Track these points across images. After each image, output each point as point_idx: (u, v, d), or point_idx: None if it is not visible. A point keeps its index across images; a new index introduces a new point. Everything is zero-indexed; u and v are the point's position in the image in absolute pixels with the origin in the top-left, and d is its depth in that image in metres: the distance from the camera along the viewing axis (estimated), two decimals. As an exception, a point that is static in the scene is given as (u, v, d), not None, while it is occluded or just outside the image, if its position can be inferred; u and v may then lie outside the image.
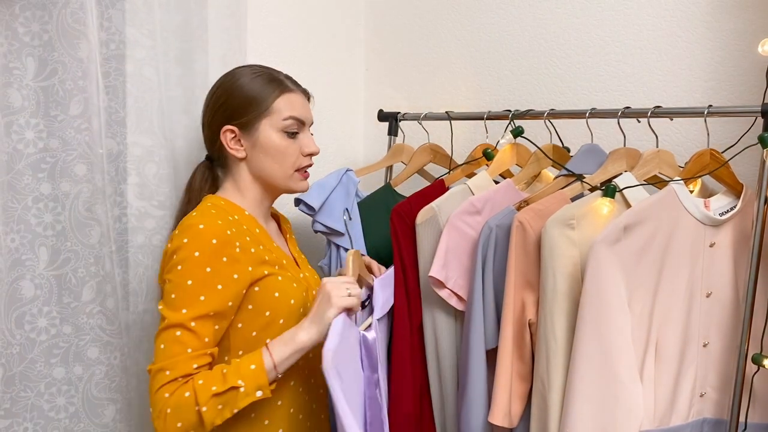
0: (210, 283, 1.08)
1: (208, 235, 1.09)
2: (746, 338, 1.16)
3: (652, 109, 1.27)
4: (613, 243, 1.12)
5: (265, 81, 1.22)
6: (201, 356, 1.06)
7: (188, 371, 1.04)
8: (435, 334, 1.40)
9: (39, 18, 1.26)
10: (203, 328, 1.07)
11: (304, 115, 1.24)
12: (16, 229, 1.26)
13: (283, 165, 1.23)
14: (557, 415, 1.16)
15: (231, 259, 1.10)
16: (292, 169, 1.24)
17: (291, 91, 1.23)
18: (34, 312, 1.29)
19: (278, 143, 1.22)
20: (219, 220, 1.13)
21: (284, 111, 1.21)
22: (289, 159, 1.23)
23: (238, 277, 1.11)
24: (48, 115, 1.28)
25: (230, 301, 1.10)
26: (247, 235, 1.17)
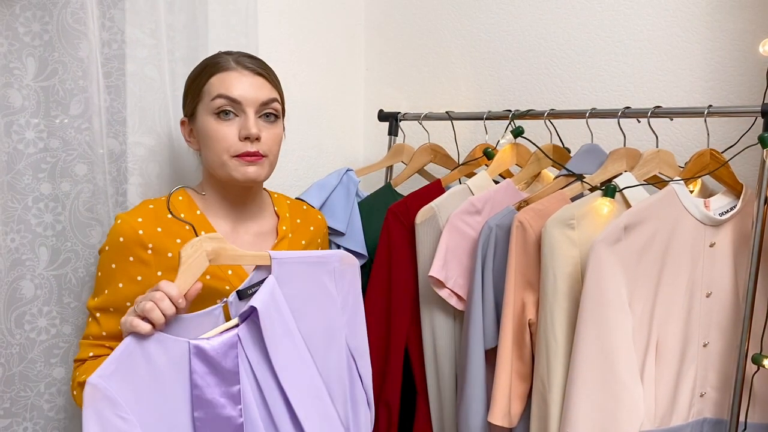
0: (112, 279, 1.09)
1: (118, 232, 1.09)
2: (746, 338, 1.16)
3: (652, 109, 1.27)
4: (614, 243, 1.12)
5: (205, 64, 1.15)
6: (97, 346, 1.11)
7: (84, 357, 1.11)
8: (433, 334, 1.40)
9: (39, 18, 1.26)
10: (104, 320, 1.10)
11: (240, 94, 1.09)
12: (16, 229, 1.26)
13: (215, 150, 1.11)
14: (557, 415, 1.16)
15: (137, 260, 1.09)
16: (225, 153, 1.10)
17: (226, 70, 1.11)
18: (34, 312, 1.29)
19: (208, 127, 1.10)
20: (142, 216, 1.10)
21: (213, 90, 1.10)
22: (220, 143, 1.09)
23: (141, 279, 1.09)
24: (48, 115, 1.28)
25: (128, 301, 1.08)
26: (179, 237, 1.11)
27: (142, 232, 1.09)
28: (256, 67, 1.14)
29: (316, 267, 1.06)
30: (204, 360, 0.94)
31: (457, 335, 1.39)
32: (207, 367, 0.94)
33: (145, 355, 0.91)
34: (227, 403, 0.95)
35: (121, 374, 0.88)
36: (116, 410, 0.87)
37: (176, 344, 0.93)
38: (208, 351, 0.94)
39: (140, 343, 0.90)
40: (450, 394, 1.40)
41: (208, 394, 0.94)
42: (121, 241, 1.08)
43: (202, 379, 0.94)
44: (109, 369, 0.88)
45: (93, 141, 1.30)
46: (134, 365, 0.90)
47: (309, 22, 1.89)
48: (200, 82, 1.14)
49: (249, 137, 1.09)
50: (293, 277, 1.03)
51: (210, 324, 0.98)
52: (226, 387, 0.96)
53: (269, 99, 1.14)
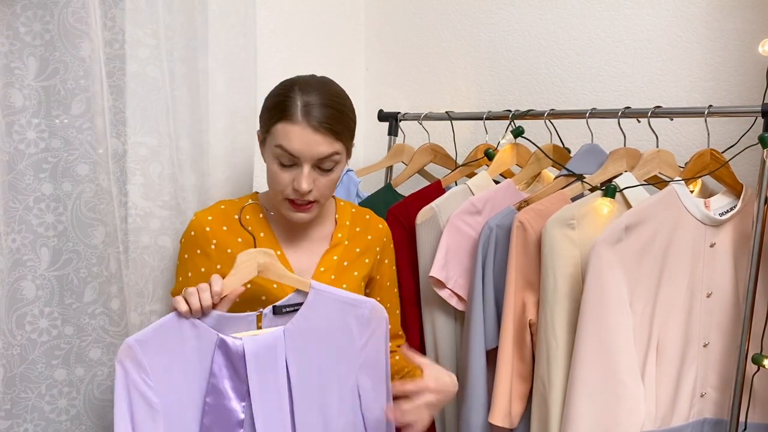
0: (184, 267, 1.24)
1: (190, 227, 1.23)
2: (746, 338, 1.16)
3: (653, 109, 1.27)
4: (615, 243, 1.12)
5: (276, 103, 1.17)
6: None
7: None
8: (434, 334, 1.40)
9: (40, 18, 1.25)
10: None
11: (298, 149, 1.13)
12: (17, 230, 1.26)
13: (272, 187, 1.20)
14: (558, 415, 1.16)
15: (203, 253, 1.22)
16: (280, 195, 1.18)
17: (292, 122, 1.13)
18: (36, 313, 1.28)
19: (270, 166, 1.18)
20: (213, 215, 1.23)
21: (276, 138, 1.15)
22: (277, 185, 1.17)
23: (204, 270, 1.21)
24: (49, 115, 1.27)
25: None
26: (240, 236, 1.22)
27: (209, 229, 1.22)
28: (320, 123, 1.13)
29: (347, 307, 1.15)
30: (225, 353, 1.06)
31: (458, 335, 1.39)
32: (225, 361, 1.06)
33: (180, 333, 1.03)
34: (234, 397, 1.07)
35: (155, 343, 1.01)
36: (141, 373, 1.01)
37: (208, 333, 1.05)
38: (230, 346, 1.06)
39: (179, 322, 1.03)
40: (451, 393, 1.40)
41: (221, 384, 1.06)
42: (192, 235, 1.22)
43: (220, 370, 1.06)
44: (147, 336, 1.01)
45: (95, 141, 1.29)
46: (168, 339, 1.02)
47: (309, 22, 1.89)
48: (269, 120, 1.17)
49: (297, 190, 1.15)
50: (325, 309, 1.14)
51: (244, 327, 1.10)
52: (237, 382, 1.07)
53: (328, 154, 1.15)
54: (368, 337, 1.18)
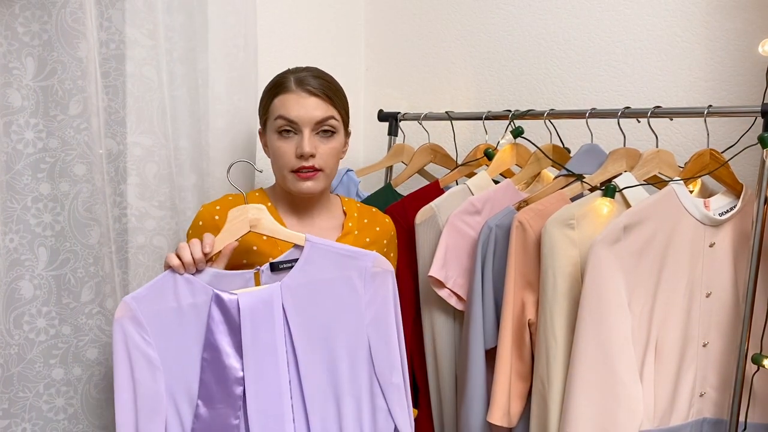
0: None
1: (198, 217, 1.26)
2: (746, 338, 1.16)
3: (652, 109, 1.27)
4: (613, 243, 1.12)
5: (272, 84, 1.27)
6: None
7: None
8: (433, 333, 1.40)
9: (38, 18, 1.25)
10: None
11: (297, 115, 1.21)
12: (15, 230, 1.26)
13: (277, 164, 1.25)
14: (557, 414, 1.16)
15: None
16: (285, 169, 1.24)
17: (287, 92, 1.23)
18: (33, 312, 1.29)
19: (272, 143, 1.25)
20: (220, 205, 1.26)
21: (275, 111, 1.24)
22: (281, 159, 1.23)
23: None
24: (47, 115, 1.27)
25: None
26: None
27: (218, 218, 1.24)
28: (313, 88, 1.23)
29: (347, 260, 1.13)
30: (221, 309, 1.05)
31: (457, 335, 1.39)
32: (222, 316, 1.05)
33: (176, 291, 1.04)
34: (232, 354, 1.05)
35: (150, 300, 1.02)
36: (140, 330, 1.01)
37: (203, 290, 1.06)
38: (227, 302, 1.05)
39: (174, 279, 1.04)
40: (450, 393, 1.40)
41: (218, 341, 1.05)
42: (200, 225, 1.25)
43: (216, 325, 1.05)
44: (142, 293, 1.02)
45: (92, 141, 1.29)
46: (164, 297, 1.03)
47: (309, 22, 1.89)
48: (267, 101, 1.27)
49: (303, 155, 1.21)
50: (322, 262, 1.12)
51: (241, 284, 1.10)
52: (235, 338, 1.05)
53: (324, 117, 1.23)
54: (373, 293, 1.13)
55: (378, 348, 1.13)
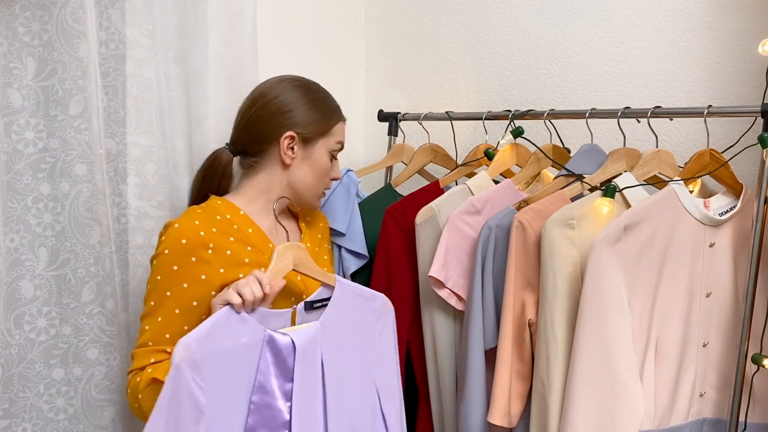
0: (176, 280, 1.14)
1: (179, 235, 1.15)
2: (746, 338, 1.16)
3: (652, 109, 1.27)
4: (613, 243, 1.12)
5: (332, 106, 1.32)
6: (158, 352, 1.13)
7: (145, 363, 1.13)
8: (433, 334, 1.39)
9: (39, 18, 1.25)
10: (168, 323, 1.14)
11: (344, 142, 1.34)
12: (15, 229, 1.26)
13: (320, 183, 1.30)
14: (557, 414, 1.16)
15: (200, 259, 1.15)
16: (324, 188, 1.32)
17: (343, 120, 1.33)
18: (34, 312, 1.28)
19: (324, 163, 1.29)
20: (198, 220, 1.18)
21: (337, 136, 1.31)
22: (325, 179, 1.31)
23: (205, 278, 1.15)
24: (48, 115, 1.27)
25: (195, 300, 1.14)
26: (232, 236, 1.20)
27: (203, 234, 1.16)
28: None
29: (365, 301, 1.20)
30: (273, 351, 1.04)
31: (457, 335, 1.39)
32: (274, 358, 1.04)
33: (231, 329, 1.00)
34: (281, 396, 1.04)
35: (210, 341, 0.97)
36: (195, 375, 0.96)
37: (256, 329, 1.03)
38: (280, 344, 1.04)
39: (230, 317, 1.01)
40: (450, 393, 1.40)
41: (268, 383, 1.03)
42: (183, 243, 1.14)
43: (268, 367, 1.03)
44: (202, 333, 0.97)
45: (92, 141, 1.29)
46: (221, 336, 0.99)
47: (309, 23, 1.89)
48: (331, 121, 1.30)
49: (336, 179, 1.34)
50: (349, 302, 1.17)
51: (280, 323, 1.09)
52: (282, 381, 1.04)
53: None
54: (381, 331, 1.22)
55: (383, 383, 1.21)
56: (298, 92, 1.28)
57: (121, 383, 1.40)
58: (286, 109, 1.26)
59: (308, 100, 1.28)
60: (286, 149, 1.25)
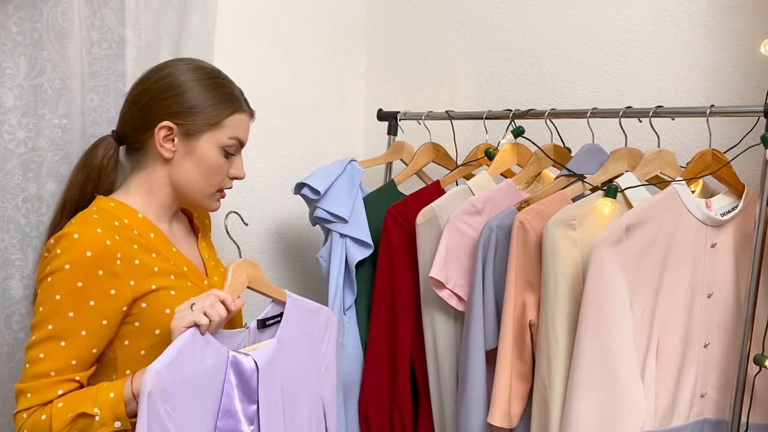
0: (81, 298, 1.00)
1: (82, 247, 1.00)
2: (748, 339, 1.15)
3: (654, 109, 1.26)
4: (615, 243, 1.11)
5: (225, 94, 1.15)
6: (65, 381, 0.99)
7: (50, 398, 0.98)
8: (434, 334, 1.39)
9: (30, 16, 1.24)
10: (72, 349, 1.00)
11: (245, 138, 1.18)
12: (5, 229, 1.25)
13: (208, 182, 1.15)
14: (558, 415, 1.15)
15: (108, 272, 1.02)
16: (215, 188, 1.16)
17: (243, 112, 1.17)
18: (23, 312, 1.28)
19: (213, 159, 1.13)
20: (99, 227, 1.04)
21: (231, 130, 1.14)
22: (216, 178, 1.15)
23: (115, 292, 1.02)
24: (36, 114, 1.26)
25: (105, 319, 1.02)
26: (135, 243, 1.08)
27: (109, 243, 1.02)
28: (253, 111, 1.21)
29: (312, 314, 1.20)
30: (237, 372, 1.00)
31: (458, 336, 1.38)
32: (238, 380, 1.00)
33: (197, 352, 0.95)
34: (245, 420, 1.00)
35: (178, 365, 0.92)
36: (167, 404, 0.90)
37: (220, 351, 0.99)
38: (242, 365, 1.00)
39: (195, 340, 0.95)
40: (451, 394, 1.39)
41: (233, 406, 0.99)
42: (88, 256, 1.00)
43: (232, 389, 0.99)
44: (171, 357, 0.91)
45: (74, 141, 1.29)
46: (189, 360, 0.94)
47: (309, 23, 1.88)
48: (222, 112, 1.14)
49: (238, 178, 1.19)
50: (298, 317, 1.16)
51: (236, 344, 1.06)
52: (246, 404, 1.01)
53: None
54: (326, 343, 1.22)
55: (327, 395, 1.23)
56: (189, 76, 1.12)
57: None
58: (169, 95, 1.11)
59: (198, 85, 1.12)
60: (162, 141, 1.11)
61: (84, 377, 1.02)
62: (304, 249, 1.90)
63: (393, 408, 1.43)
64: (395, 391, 1.42)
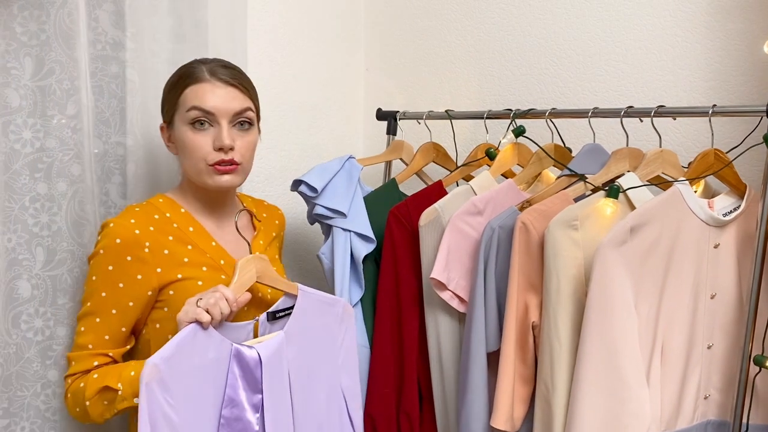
0: (111, 280, 1.12)
1: (113, 234, 1.12)
2: (750, 339, 1.15)
3: (656, 109, 1.26)
4: (620, 245, 1.11)
5: (180, 74, 1.19)
6: (100, 355, 1.13)
7: (88, 367, 1.12)
8: (437, 336, 1.38)
9: (36, 17, 1.25)
10: (106, 325, 1.13)
11: (213, 106, 1.14)
12: (12, 229, 1.26)
13: (192, 159, 1.17)
14: (562, 418, 1.14)
15: (135, 258, 1.13)
16: (202, 162, 1.16)
17: (201, 81, 1.15)
18: (31, 312, 1.28)
19: (184, 136, 1.16)
20: (134, 218, 1.15)
21: (188, 102, 1.15)
22: (196, 153, 1.15)
23: (141, 277, 1.13)
24: (45, 115, 1.27)
25: (131, 300, 1.13)
26: (170, 235, 1.17)
27: (138, 232, 1.13)
28: (229, 78, 1.17)
29: (327, 306, 1.22)
30: (241, 364, 1.04)
31: (461, 337, 1.37)
32: (241, 371, 1.04)
33: (198, 346, 1.00)
34: (250, 408, 1.05)
35: (177, 359, 0.97)
36: (166, 394, 0.96)
37: (223, 343, 1.03)
38: (246, 357, 1.04)
39: (197, 334, 1.00)
40: (454, 397, 1.38)
41: (237, 396, 1.04)
42: (118, 243, 1.12)
43: (235, 380, 1.03)
44: (169, 352, 0.96)
45: (85, 141, 1.30)
46: (189, 353, 0.99)
47: (309, 22, 1.88)
48: (176, 92, 1.18)
49: (222, 148, 1.15)
50: (311, 309, 1.18)
51: (243, 336, 1.09)
52: (251, 393, 1.05)
53: (242, 109, 1.18)
54: (344, 335, 1.24)
55: (348, 386, 1.25)
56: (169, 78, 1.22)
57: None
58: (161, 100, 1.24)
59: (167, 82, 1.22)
60: (166, 141, 1.23)
61: (117, 354, 1.14)
62: (303, 249, 1.90)
63: (401, 415, 1.41)
64: (402, 398, 1.41)
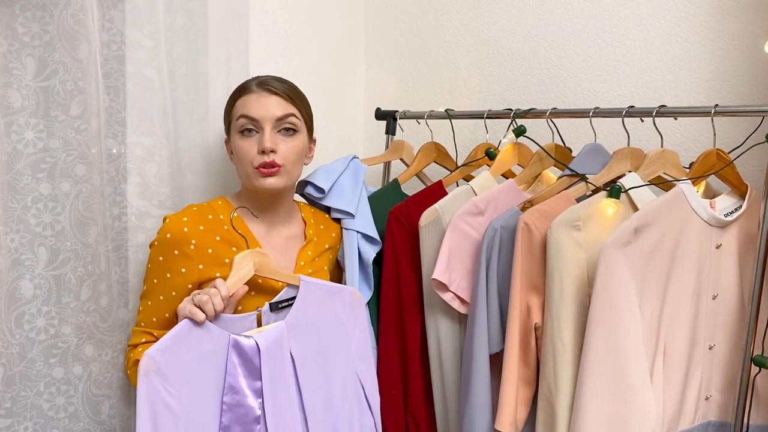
0: (161, 270, 1.24)
1: (166, 229, 1.24)
2: (751, 340, 1.15)
3: (657, 109, 1.26)
4: (624, 245, 1.10)
5: (235, 89, 1.31)
6: (146, 333, 1.25)
7: (137, 342, 1.26)
8: (438, 338, 1.38)
9: (39, 18, 1.25)
10: (154, 307, 1.25)
11: (257, 113, 1.25)
12: (15, 229, 1.26)
13: (241, 164, 1.28)
14: (565, 421, 1.14)
15: (181, 253, 1.23)
16: (249, 165, 1.26)
17: (249, 93, 1.28)
18: (33, 312, 1.29)
19: (235, 143, 1.28)
20: (187, 216, 1.26)
21: (237, 112, 1.27)
22: (244, 157, 1.27)
23: (185, 271, 1.23)
24: (48, 116, 1.27)
25: (174, 290, 1.23)
26: (218, 235, 1.26)
27: (186, 230, 1.24)
28: (274, 88, 1.29)
29: (333, 295, 1.25)
30: (239, 353, 1.09)
31: (462, 339, 1.36)
32: (240, 359, 1.09)
33: (195, 339, 1.05)
34: (251, 394, 1.10)
35: (173, 351, 1.03)
36: (164, 383, 1.01)
37: (220, 335, 1.09)
38: (245, 346, 1.09)
39: (193, 328, 1.05)
40: (454, 397, 1.38)
41: (238, 383, 1.09)
42: (168, 237, 1.23)
43: (235, 369, 1.09)
44: (165, 344, 1.03)
45: (91, 141, 1.30)
46: (185, 346, 1.04)
47: (309, 23, 1.88)
48: (230, 105, 1.31)
49: (264, 150, 1.24)
50: (315, 299, 1.22)
51: (246, 327, 1.14)
52: (251, 380, 1.10)
53: (285, 114, 1.28)
54: (354, 323, 1.28)
55: (363, 371, 1.28)
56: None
57: (114, 378, 1.41)
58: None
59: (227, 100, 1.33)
60: (229, 154, 1.34)
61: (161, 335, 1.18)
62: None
63: (407, 415, 1.41)
64: (408, 399, 1.41)
